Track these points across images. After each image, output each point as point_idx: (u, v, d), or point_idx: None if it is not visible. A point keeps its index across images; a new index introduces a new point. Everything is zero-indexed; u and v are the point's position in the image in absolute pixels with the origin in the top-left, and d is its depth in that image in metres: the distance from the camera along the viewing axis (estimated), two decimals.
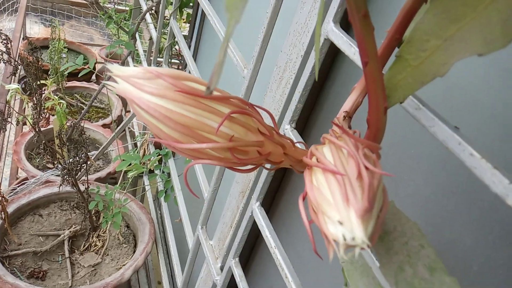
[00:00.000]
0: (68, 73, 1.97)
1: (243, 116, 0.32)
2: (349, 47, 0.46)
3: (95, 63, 1.59)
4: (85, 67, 1.29)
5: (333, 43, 0.50)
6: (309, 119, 0.75)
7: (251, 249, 0.91)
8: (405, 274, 0.31)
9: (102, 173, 1.52)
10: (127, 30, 1.37)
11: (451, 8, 0.28)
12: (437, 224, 0.49)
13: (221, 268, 0.77)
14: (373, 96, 0.33)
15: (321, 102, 0.71)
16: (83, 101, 2.04)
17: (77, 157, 1.14)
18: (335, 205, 0.25)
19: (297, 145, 0.38)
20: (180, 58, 1.63)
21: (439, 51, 0.31)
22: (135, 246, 1.30)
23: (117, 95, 1.94)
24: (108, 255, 1.28)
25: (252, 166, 0.35)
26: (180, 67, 1.80)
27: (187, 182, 0.33)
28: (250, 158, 0.33)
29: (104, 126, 1.84)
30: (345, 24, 0.48)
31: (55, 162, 1.18)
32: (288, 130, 0.58)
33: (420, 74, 0.32)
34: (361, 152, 0.28)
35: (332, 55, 0.66)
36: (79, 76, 1.23)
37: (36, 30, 3.05)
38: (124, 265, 1.20)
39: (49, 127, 1.61)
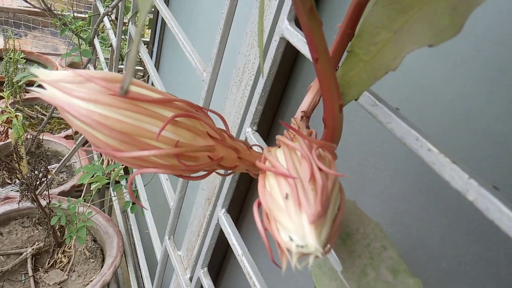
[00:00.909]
0: (26, 84, 1.89)
1: (190, 119, 0.30)
2: (305, 45, 0.44)
3: None
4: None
5: (289, 42, 0.48)
6: (273, 122, 0.73)
7: (223, 258, 0.88)
8: (368, 278, 0.30)
9: (65, 186, 1.46)
10: (84, 37, 1.32)
11: None
12: (405, 222, 0.48)
13: (190, 279, 0.74)
14: (326, 94, 0.32)
15: (285, 104, 0.70)
16: (44, 112, 1.96)
17: (36, 171, 1.08)
18: (286, 211, 0.23)
19: (255, 148, 0.36)
20: (143, 64, 1.59)
21: (390, 44, 0.29)
22: (103, 260, 1.25)
23: None
24: (74, 271, 1.22)
25: (204, 173, 0.33)
26: (144, 74, 1.76)
27: (132, 194, 0.31)
28: (200, 165, 0.31)
29: (67, 137, 1.77)
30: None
31: (13, 177, 1.12)
32: (249, 133, 0.56)
33: (373, 69, 0.31)
34: (315, 153, 0.27)
35: (294, 55, 0.65)
36: (34, 86, 1.16)
37: None
38: (91, 281, 1.15)
39: (6, 141, 1.53)
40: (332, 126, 0.33)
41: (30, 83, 2.04)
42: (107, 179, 1.08)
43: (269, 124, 0.73)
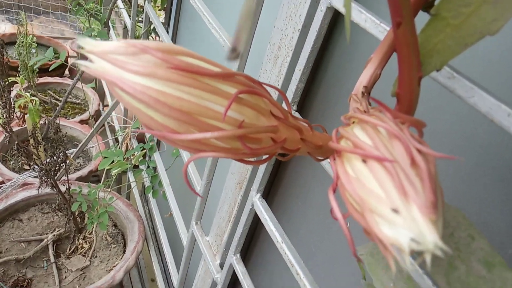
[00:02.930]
0: (39, 69, 1.86)
1: (252, 96, 0.26)
2: (359, 14, 0.40)
3: (67, 57, 1.49)
4: (56, 61, 1.20)
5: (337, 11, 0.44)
6: (305, 100, 0.69)
7: (249, 241, 0.85)
8: (459, 272, 0.26)
9: (83, 172, 1.44)
10: (99, 18, 1.27)
11: None
12: (464, 206, 0.44)
13: (221, 265, 0.72)
14: (405, 64, 0.28)
15: (318, 79, 0.65)
16: (57, 97, 1.93)
17: (55, 157, 1.06)
18: (389, 202, 0.20)
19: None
20: None
21: (487, 5, 0.25)
22: (124, 245, 1.24)
23: (92, 88, 1.84)
24: (96, 257, 1.21)
25: (265, 157, 0.29)
26: None
27: (187, 179, 0.27)
28: (263, 148, 0.27)
29: (82, 122, 1.74)
30: None
31: (31, 163, 1.09)
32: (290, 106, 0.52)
33: (463, 35, 0.27)
34: (407, 131, 0.23)
35: (330, 26, 0.60)
36: (50, 70, 1.13)
37: (3, 28, 2.88)
38: (114, 266, 1.14)
39: (24, 126, 1.50)
40: (408, 101, 0.29)
41: (43, 67, 2.02)
42: (128, 164, 1.05)
43: (301, 103, 0.69)
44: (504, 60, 0.38)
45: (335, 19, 0.57)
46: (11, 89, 1.10)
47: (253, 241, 0.86)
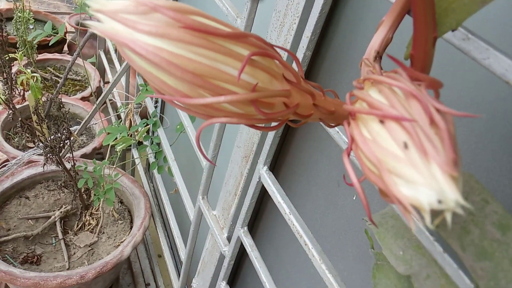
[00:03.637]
0: (38, 45, 1.83)
1: (265, 58, 0.26)
2: None
3: (65, 32, 1.47)
4: (55, 35, 1.18)
5: None
6: (311, 69, 0.68)
7: (256, 215, 0.86)
8: (472, 236, 0.26)
9: (87, 149, 1.44)
10: None
11: None
12: (473, 173, 0.44)
13: (228, 239, 0.73)
14: (421, 23, 0.27)
15: (325, 47, 0.64)
16: (58, 74, 1.91)
17: (59, 133, 1.05)
18: (408, 161, 0.19)
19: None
20: None
21: None
22: (131, 221, 1.25)
23: (92, 64, 1.82)
24: (104, 233, 1.23)
25: (277, 123, 0.29)
26: None
27: (200, 146, 0.27)
28: (276, 112, 0.27)
29: (83, 99, 1.73)
30: None
31: (36, 141, 1.09)
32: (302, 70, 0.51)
33: None
34: (424, 90, 0.22)
35: None
36: (49, 45, 1.12)
37: None
38: (122, 242, 1.15)
39: (25, 104, 1.50)
40: (422, 63, 0.29)
41: (42, 44, 1.99)
42: (132, 140, 1.05)
43: (307, 71, 0.68)
44: None
45: None
46: (12, 64, 1.08)
47: (259, 214, 0.87)
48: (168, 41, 0.22)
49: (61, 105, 1.01)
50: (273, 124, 0.30)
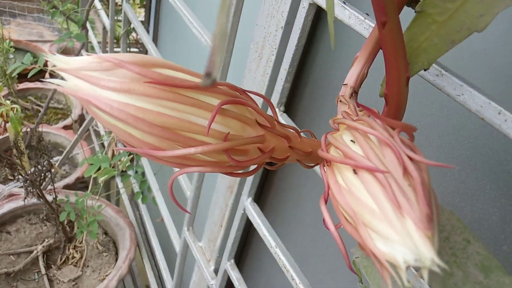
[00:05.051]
0: (18, 74, 1.81)
1: (237, 106, 0.25)
2: (342, 10, 0.39)
3: (46, 61, 1.46)
4: (35, 66, 1.17)
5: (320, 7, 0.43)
6: (292, 100, 0.68)
7: (243, 246, 0.84)
8: (455, 279, 0.26)
9: (70, 179, 1.41)
10: (76, 20, 1.24)
11: None
12: (456, 203, 0.44)
13: (215, 271, 0.71)
14: (392, 64, 0.27)
15: (305, 78, 0.64)
16: (39, 103, 1.89)
17: (39, 166, 1.03)
18: (383, 215, 0.19)
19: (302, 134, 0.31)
20: (138, 45, 1.51)
21: (473, 0, 0.24)
22: (116, 253, 1.22)
23: None
24: (88, 266, 1.19)
25: (253, 167, 0.28)
26: None
27: (174, 197, 0.26)
28: (251, 159, 0.26)
29: (66, 127, 1.71)
30: None
31: (16, 174, 1.07)
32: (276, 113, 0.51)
33: (449, 32, 0.26)
34: (398, 139, 0.22)
35: (314, 23, 0.59)
36: (29, 76, 1.10)
37: None
38: (107, 275, 1.12)
39: (5, 135, 1.47)
40: (396, 102, 0.29)
41: (23, 73, 1.96)
42: (115, 170, 1.03)
43: (290, 103, 0.68)
44: (495, 55, 0.37)
45: (319, 15, 0.56)
46: None
47: (247, 245, 0.85)
48: (134, 96, 0.21)
49: (41, 137, 0.99)
50: (251, 168, 0.29)
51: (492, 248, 0.41)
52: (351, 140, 0.24)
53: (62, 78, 0.22)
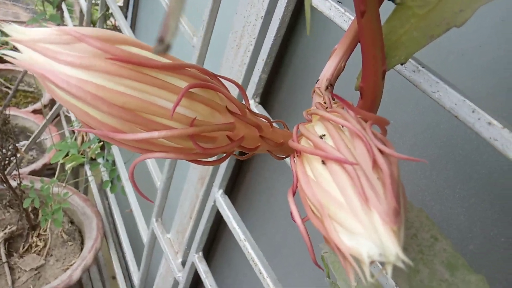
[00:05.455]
0: None
1: (206, 90, 0.24)
2: (323, 1, 0.38)
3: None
4: (5, 46, 1.11)
5: None
6: (269, 91, 0.67)
7: (213, 239, 0.83)
8: (421, 276, 0.26)
9: (37, 165, 1.36)
10: (52, 1, 1.19)
11: None
12: (426, 201, 0.44)
13: (183, 263, 0.70)
14: (369, 56, 0.26)
15: (283, 70, 0.63)
16: (8, 85, 1.81)
17: (4, 150, 0.99)
18: (349, 208, 0.18)
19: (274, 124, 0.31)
20: (116, 31, 1.47)
21: None
22: (82, 243, 1.18)
23: None
24: (52, 255, 1.15)
25: (221, 156, 0.27)
26: None
27: (136, 186, 0.25)
28: (218, 147, 0.25)
29: (35, 112, 1.65)
30: None
31: None
32: (252, 106, 0.50)
33: (429, 26, 0.25)
34: (370, 131, 0.21)
35: (294, 15, 0.59)
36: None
37: None
38: (71, 265, 1.09)
39: None
40: (371, 96, 0.28)
41: None
42: (83, 157, 1.00)
43: (265, 94, 0.67)
44: (473, 53, 0.38)
45: (300, 7, 0.55)
46: None
47: (216, 238, 0.84)
48: (94, 73, 0.20)
49: (7, 121, 0.95)
50: (219, 157, 0.28)
51: (459, 247, 0.41)
52: (323, 131, 0.23)
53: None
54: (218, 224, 0.80)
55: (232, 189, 0.76)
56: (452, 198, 0.41)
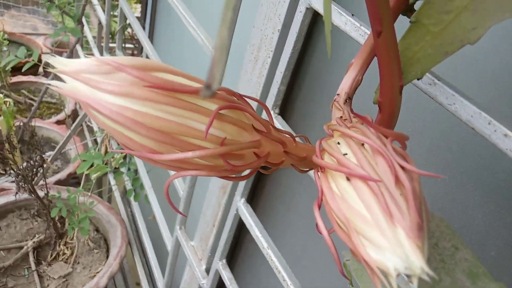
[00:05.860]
0: (12, 68, 1.80)
1: (234, 111, 0.26)
2: (339, 16, 0.39)
3: (40, 55, 1.45)
4: (29, 60, 1.16)
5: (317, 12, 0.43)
6: (287, 102, 0.68)
7: (235, 246, 0.85)
8: (443, 285, 0.26)
9: (62, 175, 1.41)
10: (72, 15, 1.24)
11: None
12: (445, 208, 0.44)
13: (207, 271, 0.71)
14: (387, 72, 0.27)
15: (300, 81, 0.65)
16: (32, 97, 1.87)
17: (31, 161, 1.03)
18: (375, 224, 0.19)
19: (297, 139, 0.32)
20: (134, 42, 1.51)
21: (467, 12, 0.25)
22: (107, 250, 1.22)
23: None
24: (79, 263, 1.19)
25: (248, 171, 0.29)
26: (135, 52, 1.68)
27: (171, 201, 0.26)
28: (246, 164, 0.26)
29: (58, 122, 1.70)
30: None
31: (7, 169, 1.06)
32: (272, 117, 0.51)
33: (443, 43, 0.26)
34: (390, 147, 0.22)
35: (310, 27, 0.60)
36: (23, 70, 1.10)
37: None
38: (97, 272, 1.12)
39: None
40: (389, 110, 0.29)
41: (16, 66, 1.95)
42: (107, 167, 1.03)
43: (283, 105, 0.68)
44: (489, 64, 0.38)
45: (315, 20, 0.56)
46: None
47: (238, 245, 0.86)
48: (132, 100, 0.21)
49: (34, 133, 0.99)
50: (246, 172, 0.29)
51: (479, 254, 0.42)
52: (346, 148, 0.24)
53: (60, 79, 0.22)
54: (239, 232, 0.81)
55: (253, 199, 0.78)
56: (472, 205, 0.42)
